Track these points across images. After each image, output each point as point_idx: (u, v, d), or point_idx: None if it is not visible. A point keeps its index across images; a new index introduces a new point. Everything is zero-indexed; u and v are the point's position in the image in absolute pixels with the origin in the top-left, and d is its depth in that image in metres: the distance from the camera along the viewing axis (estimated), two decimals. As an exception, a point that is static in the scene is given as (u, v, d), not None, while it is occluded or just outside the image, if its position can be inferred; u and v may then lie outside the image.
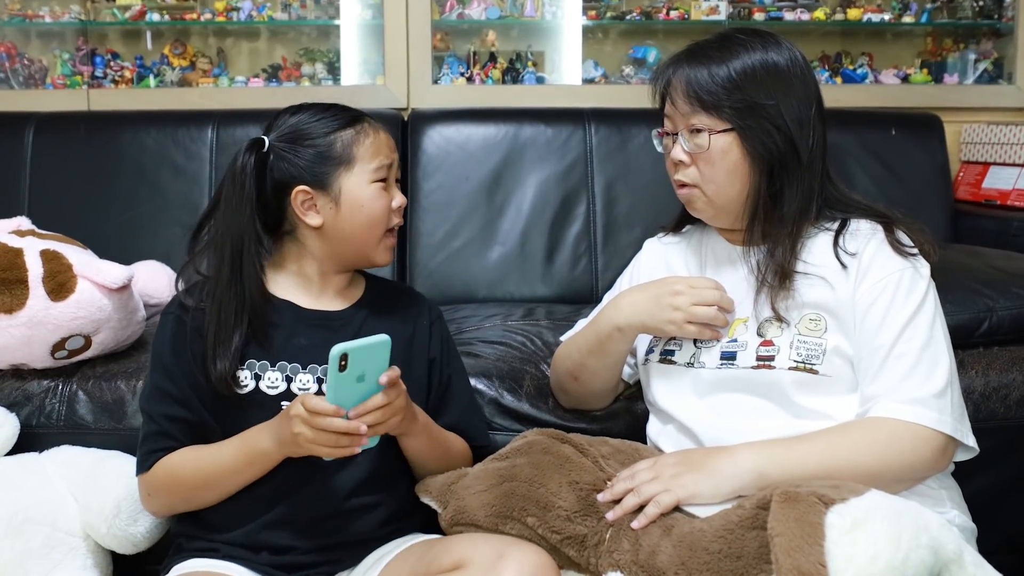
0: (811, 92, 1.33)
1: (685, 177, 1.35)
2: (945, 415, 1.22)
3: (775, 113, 1.29)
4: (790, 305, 1.31)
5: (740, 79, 1.30)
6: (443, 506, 1.33)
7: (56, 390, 1.67)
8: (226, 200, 1.34)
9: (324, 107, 1.39)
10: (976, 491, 1.40)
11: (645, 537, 1.18)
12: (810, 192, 1.32)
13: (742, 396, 1.32)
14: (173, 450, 1.33)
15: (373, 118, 1.41)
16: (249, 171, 1.34)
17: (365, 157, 1.36)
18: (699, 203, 1.37)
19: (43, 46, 2.78)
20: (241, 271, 1.33)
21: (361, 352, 1.17)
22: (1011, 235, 2.31)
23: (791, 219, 1.32)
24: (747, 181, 1.32)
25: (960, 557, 1.06)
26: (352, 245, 1.38)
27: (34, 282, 1.61)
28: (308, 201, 1.35)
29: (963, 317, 1.75)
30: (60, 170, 2.37)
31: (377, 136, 1.38)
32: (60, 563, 1.51)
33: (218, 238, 1.34)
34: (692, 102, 1.32)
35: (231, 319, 1.32)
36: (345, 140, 1.36)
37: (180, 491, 1.33)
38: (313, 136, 1.35)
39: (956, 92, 2.79)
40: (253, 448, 1.28)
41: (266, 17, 2.72)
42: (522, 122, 2.44)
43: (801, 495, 1.05)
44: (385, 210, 1.37)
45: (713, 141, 1.31)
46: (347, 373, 1.16)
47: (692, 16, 2.75)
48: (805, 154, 1.30)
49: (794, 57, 1.33)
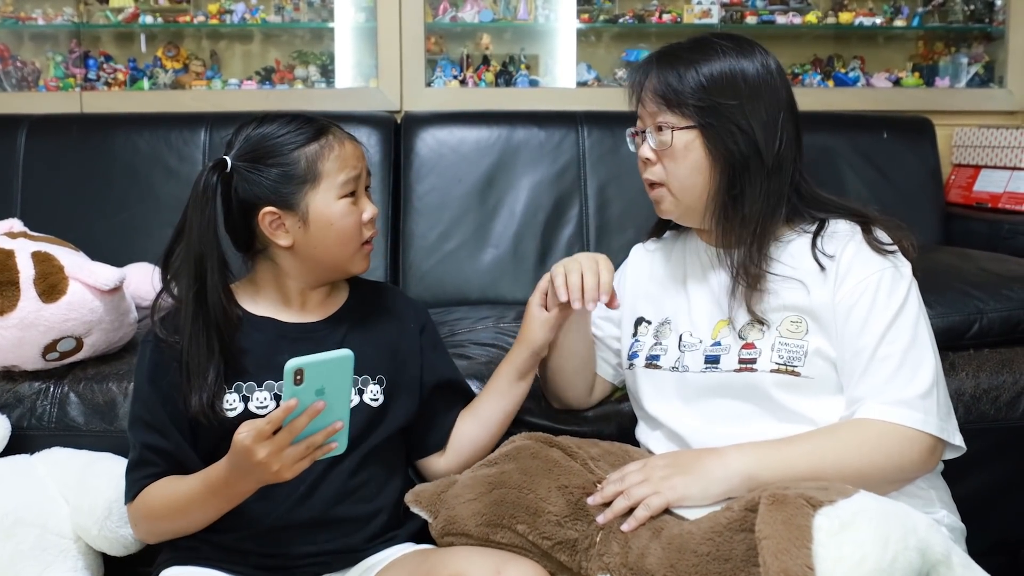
0: (780, 99, 1.33)
1: (652, 175, 1.37)
2: (931, 415, 1.23)
3: (739, 115, 1.30)
4: (767, 308, 1.31)
5: (706, 81, 1.31)
6: (433, 516, 1.33)
7: (47, 392, 1.67)
8: (190, 224, 1.31)
9: (287, 120, 1.34)
10: (967, 493, 1.41)
11: (635, 539, 1.18)
12: (775, 196, 1.32)
13: (727, 400, 1.32)
14: (155, 477, 1.31)
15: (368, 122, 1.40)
16: (211, 194, 1.30)
17: (331, 172, 1.32)
18: (666, 202, 1.38)
19: (36, 48, 2.78)
20: (206, 299, 1.30)
21: (318, 367, 1.13)
22: (1002, 238, 2.32)
23: (753, 220, 1.32)
24: (708, 180, 1.33)
25: (948, 559, 1.07)
26: (325, 262, 1.36)
27: (25, 284, 1.61)
28: (276, 221, 1.32)
29: (953, 319, 1.75)
30: (53, 172, 2.37)
31: (343, 148, 1.34)
32: (51, 564, 1.51)
33: (184, 265, 1.31)
34: (658, 101, 1.34)
35: (202, 351, 1.29)
36: (309, 156, 1.31)
37: (158, 521, 1.31)
38: (276, 154, 1.31)
39: (947, 95, 2.80)
40: (214, 480, 1.23)
41: (259, 20, 2.72)
42: (515, 125, 2.45)
43: (789, 497, 1.05)
44: (356, 225, 1.35)
45: (676, 137, 1.32)
46: (303, 388, 1.12)
47: (685, 19, 2.75)
48: (769, 158, 1.30)
49: (766, 66, 1.34)
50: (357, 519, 1.35)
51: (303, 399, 1.13)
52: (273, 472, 1.16)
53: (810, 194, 1.37)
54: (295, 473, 1.17)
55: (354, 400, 1.36)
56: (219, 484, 1.23)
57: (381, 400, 1.38)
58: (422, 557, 1.30)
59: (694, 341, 1.37)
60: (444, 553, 1.28)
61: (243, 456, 1.16)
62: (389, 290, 1.53)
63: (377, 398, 1.38)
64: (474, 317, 2.09)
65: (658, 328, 1.44)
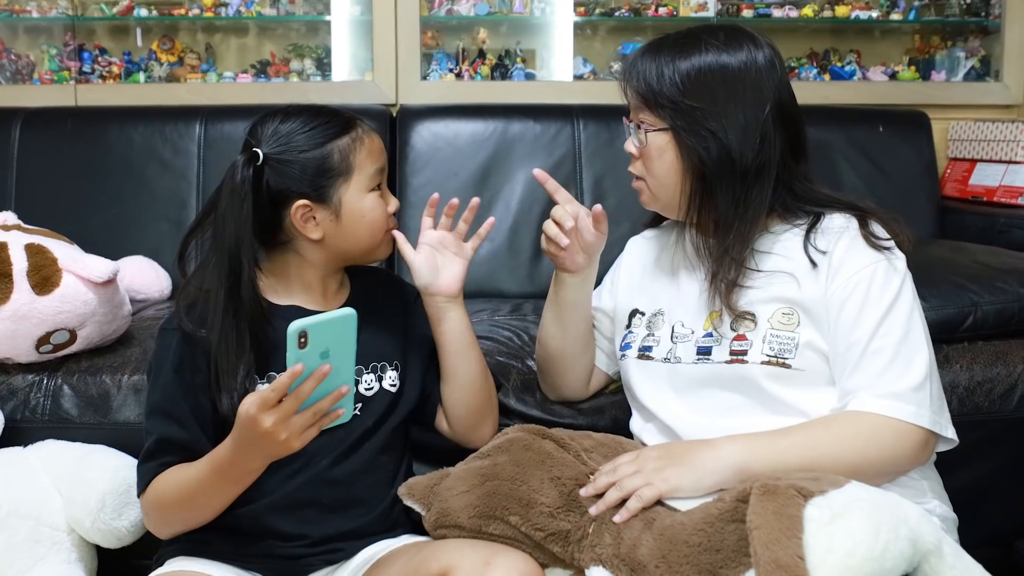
0: (764, 96, 1.30)
1: (634, 169, 1.38)
2: (923, 408, 1.23)
3: (712, 119, 1.28)
4: (754, 300, 1.31)
5: (684, 81, 1.29)
6: (426, 508, 1.33)
7: (41, 384, 1.67)
8: (224, 217, 1.28)
9: (315, 112, 1.34)
10: (960, 485, 1.40)
11: (627, 531, 1.18)
12: (755, 201, 1.30)
13: (718, 392, 1.32)
14: (168, 467, 1.28)
15: (363, 115, 1.40)
16: (248, 187, 1.28)
17: (363, 165, 1.33)
18: (645, 196, 1.39)
19: (31, 41, 2.77)
20: (239, 293, 1.28)
21: (322, 328, 1.11)
22: (997, 231, 2.32)
23: (726, 225, 1.31)
24: (680, 182, 1.33)
25: (939, 548, 1.07)
26: (352, 252, 1.37)
27: (18, 276, 1.61)
28: (307, 214, 1.32)
29: (948, 312, 1.75)
30: (47, 166, 2.37)
31: (372, 141, 1.35)
32: (45, 557, 1.51)
33: (216, 256, 1.29)
34: (638, 98, 1.34)
35: (232, 348, 1.27)
36: (343, 149, 1.32)
37: (168, 510, 1.28)
38: (309, 147, 1.31)
39: (943, 89, 2.80)
40: (220, 460, 1.22)
41: (255, 13, 2.71)
42: (511, 118, 2.45)
43: (780, 488, 1.05)
44: (384, 218, 1.36)
45: (651, 138, 1.32)
46: (308, 351, 1.10)
47: (681, 13, 2.75)
48: (744, 163, 1.28)
49: (751, 60, 1.31)
50: (371, 501, 1.36)
51: (308, 363, 1.10)
52: (281, 441, 1.14)
53: (805, 191, 1.35)
54: (303, 442, 1.16)
55: (374, 387, 1.38)
56: (226, 463, 1.21)
57: (398, 384, 1.40)
58: (416, 549, 1.30)
59: (686, 332, 1.37)
60: (436, 545, 1.28)
61: (249, 427, 1.14)
62: (379, 273, 1.53)
63: (395, 383, 1.40)
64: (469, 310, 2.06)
65: (651, 319, 1.44)
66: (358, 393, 1.36)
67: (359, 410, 1.36)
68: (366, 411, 1.37)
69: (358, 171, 1.33)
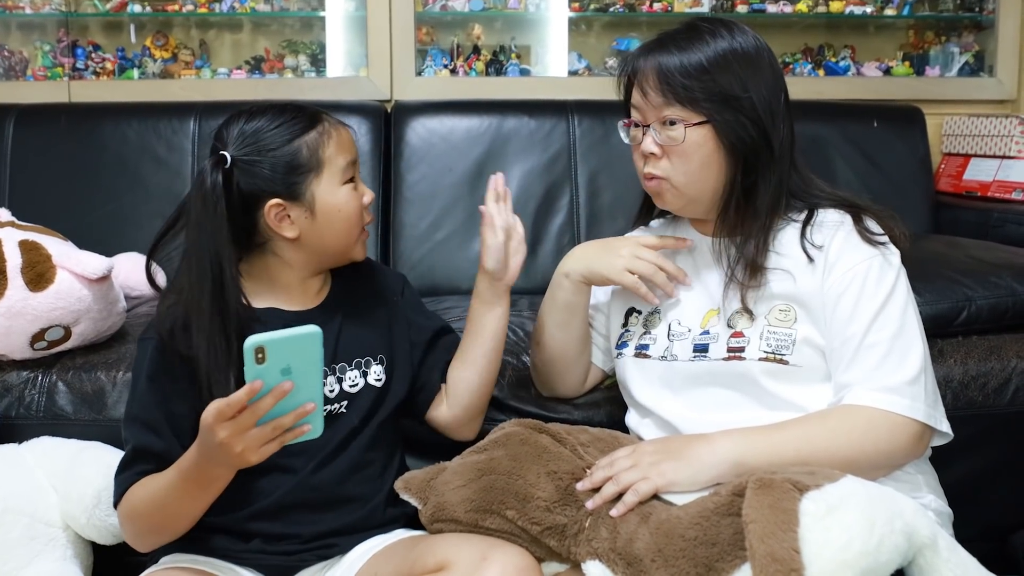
0: (779, 80, 1.33)
1: (655, 169, 1.34)
2: (918, 402, 1.23)
3: (748, 105, 1.29)
4: (758, 297, 1.31)
5: (712, 68, 1.29)
6: (423, 503, 1.33)
7: (36, 381, 1.67)
8: (198, 224, 1.26)
9: (279, 110, 1.32)
10: (955, 479, 1.41)
11: (623, 525, 1.18)
12: (781, 184, 1.32)
13: (716, 389, 1.33)
14: (143, 476, 1.26)
15: (358, 111, 1.39)
16: (219, 191, 1.26)
17: (333, 158, 1.32)
18: (668, 195, 1.35)
19: (24, 38, 2.76)
20: (223, 297, 1.26)
21: (281, 344, 1.07)
22: (991, 226, 2.33)
23: (764, 212, 1.31)
24: (722, 174, 1.31)
25: (934, 542, 1.07)
26: (329, 250, 1.36)
27: (12, 272, 1.61)
28: (281, 213, 1.31)
29: (942, 307, 1.76)
30: (41, 162, 2.36)
31: (340, 134, 1.34)
32: (40, 553, 1.51)
33: (195, 265, 1.27)
34: (665, 93, 1.30)
35: (221, 359, 1.24)
36: (311, 144, 1.31)
37: (140, 519, 1.26)
38: (277, 145, 1.29)
39: (938, 84, 2.80)
40: (186, 466, 1.20)
41: (248, 9, 2.70)
42: (505, 114, 2.44)
43: (776, 482, 1.06)
44: (359, 210, 1.35)
45: (688, 134, 1.30)
46: (266, 367, 1.07)
47: (675, 8, 2.75)
48: (777, 145, 1.30)
49: (760, 44, 1.33)
50: (363, 498, 1.36)
51: (268, 379, 1.08)
52: (236, 454, 1.12)
53: (801, 184, 1.36)
54: (262, 456, 1.13)
55: (359, 384, 1.37)
56: (191, 468, 1.19)
57: (384, 379, 1.40)
58: (411, 544, 1.30)
59: (683, 330, 1.37)
60: (431, 540, 1.28)
61: (207, 435, 1.12)
62: (362, 265, 1.48)
63: (380, 378, 1.40)
64: (465, 306, 2.06)
65: (647, 318, 1.44)
66: (343, 391, 1.36)
67: (345, 408, 1.36)
68: (352, 409, 1.36)
69: (329, 165, 1.31)
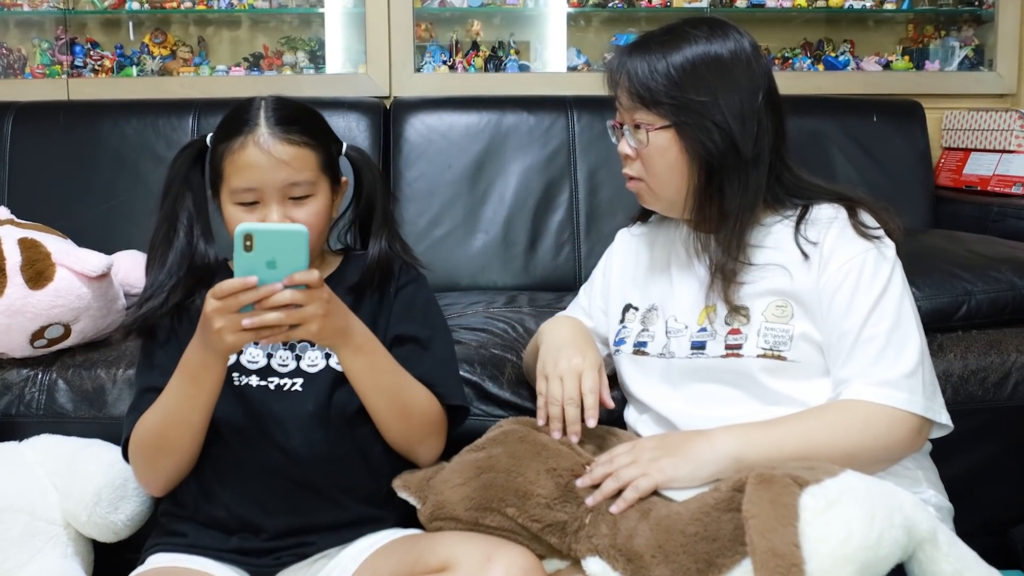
0: (756, 83, 1.31)
1: (631, 171, 1.36)
2: (916, 395, 1.23)
3: (714, 110, 1.28)
4: (748, 294, 1.31)
5: (678, 74, 1.29)
6: (422, 501, 1.32)
7: (36, 379, 1.67)
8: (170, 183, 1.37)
9: (239, 107, 1.33)
10: (955, 473, 1.41)
11: (623, 521, 1.18)
12: (754, 187, 1.31)
13: (714, 385, 1.33)
14: None
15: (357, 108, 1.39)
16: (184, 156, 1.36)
17: (229, 178, 1.30)
18: (646, 196, 1.37)
19: (22, 35, 2.76)
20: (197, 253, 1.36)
21: (269, 236, 1.14)
22: (991, 220, 2.33)
23: (732, 215, 1.31)
24: (686, 177, 1.32)
25: (934, 536, 1.07)
26: None
27: (12, 270, 1.61)
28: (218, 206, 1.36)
29: (942, 301, 1.76)
30: (40, 160, 2.36)
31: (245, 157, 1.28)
32: (41, 551, 1.51)
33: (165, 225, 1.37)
34: (633, 97, 1.32)
35: None
36: (221, 152, 1.31)
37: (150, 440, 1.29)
38: (214, 141, 1.34)
39: (937, 79, 2.80)
40: (188, 363, 1.25)
41: (247, 5, 2.70)
42: (505, 110, 2.44)
43: (776, 477, 1.06)
44: None
45: (652, 137, 1.31)
46: (253, 255, 1.14)
47: (674, 3, 2.75)
48: (746, 150, 1.29)
49: (740, 48, 1.31)
50: (335, 492, 1.34)
51: (255, 268, 1.14)
52: (215, 330, 1.17)
53: (793, 181, 1.35)
54: (236, 340, 1.17)
55: (318, 364, 1.36)
56: (186, 358, 1.25)
57: None
58: (411, 543, 1.29)
59: (680, 327, 1.37)
60: (433, 539, 1.27)
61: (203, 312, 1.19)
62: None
63: None
64: (464, 303, 2.09)
65: (645, 314, 1.44)
66: (299, 369, 1.36)
67: (300, 387, 1.35)
68: (308, 389, 1.34)
69: (225, 181, 1.31)
